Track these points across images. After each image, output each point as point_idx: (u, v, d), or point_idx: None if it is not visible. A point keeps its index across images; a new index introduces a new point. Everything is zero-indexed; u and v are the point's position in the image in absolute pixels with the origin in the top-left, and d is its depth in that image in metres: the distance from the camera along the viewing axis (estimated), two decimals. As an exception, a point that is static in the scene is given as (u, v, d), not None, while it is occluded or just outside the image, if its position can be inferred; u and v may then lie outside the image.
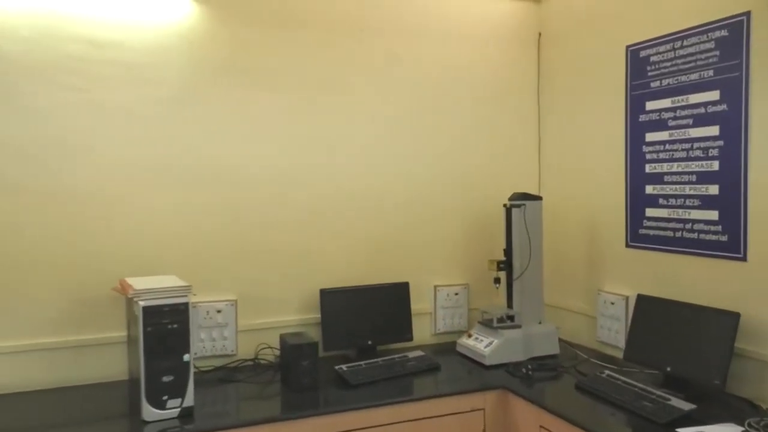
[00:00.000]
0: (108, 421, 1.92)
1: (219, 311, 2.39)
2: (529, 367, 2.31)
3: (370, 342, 2.53)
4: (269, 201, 2.46)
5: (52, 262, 2.16)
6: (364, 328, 2.53)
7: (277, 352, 2.38)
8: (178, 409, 1.89)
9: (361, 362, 2.35)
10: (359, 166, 2.62)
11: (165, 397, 1.87)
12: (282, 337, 2.29)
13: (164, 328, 1.88)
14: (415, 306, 2.66)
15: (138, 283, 1.98)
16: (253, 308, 2.45)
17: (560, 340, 2.56)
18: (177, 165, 2.32)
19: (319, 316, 2.48)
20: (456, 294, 2.80)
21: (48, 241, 2.16)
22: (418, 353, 2.48)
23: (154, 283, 1.97)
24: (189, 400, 1.91)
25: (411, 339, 2.62)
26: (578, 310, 2.70)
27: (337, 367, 2.28)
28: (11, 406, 2.01)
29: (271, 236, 2.48)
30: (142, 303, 1.86)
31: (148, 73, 2.27)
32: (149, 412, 1.86)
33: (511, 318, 2.51)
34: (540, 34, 2.92)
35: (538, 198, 2.58)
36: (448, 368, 2.41)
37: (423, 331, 2.73)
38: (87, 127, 2.19)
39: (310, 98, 2.52)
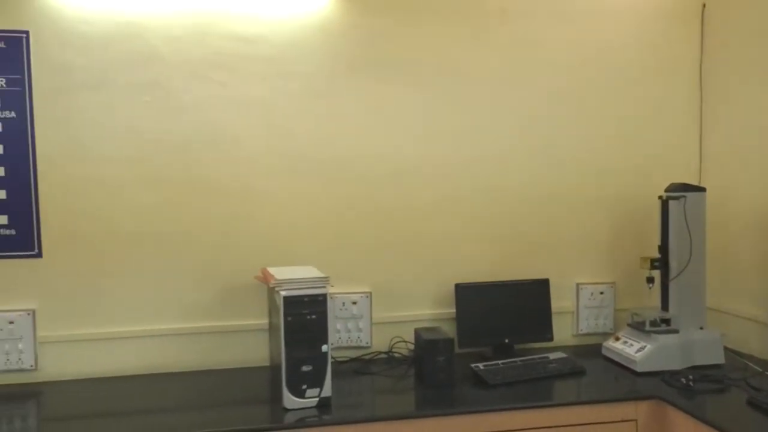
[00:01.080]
0: (251, 405, 1.98)
1: (354, 303, 2.39)
2: (690, 377, 2.07)
3: (507, 340, 2.41)
4: (405, 193, 2.42)
5: (200, 251, 2.27)
6: (501, 326, 2.42)
7: (412, 346, 2.34)
8: (317, 399, 1.90)
9: (498, 361, 2.24)
10: (497, 157, 2.50)
11: (304, 386, 1.89)
12: (417, 332, 2.23)
13: (304, 318, 1.89)
14: (555, 304, 2.50)
15: (279, 272, 2.01)
16: (387, 301, 2.43)
17: (725, 348, 2.28)
18: (314, 157, 2.34)
19: (453, 311, 2.40)
20: (601, 293, 2.60)
21: (196, 231, 2.26)
22: (560, 355, 2.32)
23: (294, 274, 1.99)
24: (327, 390, 1.92)
25: (551, 339, 2.47)
26: (748, 315, 2.38)
27: (473, 365, 2.19)
28: (160, 386, 2.14)
29: (406, 229, 2.43)
30: (283, 293, 1.89)
31: (287, 67, 2.30)
32: (290, 400, 1.88)
33: (666, 321, 2.27)
34: (704, 6, 2.60)
35: (701, 189, 2.31)
36: (594, 373, 2.23)
37: (564, 332, 2.56)
38: (231, 122, 2.26)
39: (447, 88, 2.43)
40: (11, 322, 2.12)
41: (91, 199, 2.18)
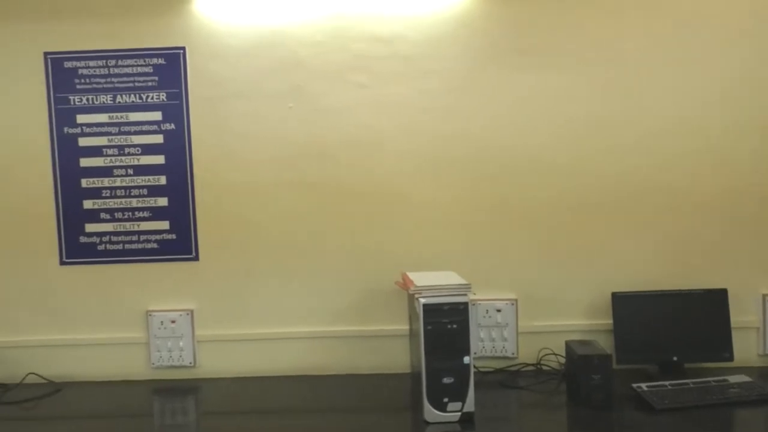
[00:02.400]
0: (392, 414, 1.94)
1: (498, 310, 2.25)
2: None
3: (675, 358, 2.13)
4: (553, 192, 2.24)
5: (343, 254, 2.27)
6: (667, 342, 2.14)
7: (562, 360, 2.15)
8: (459, 413, 1.80)
9: (666, 382, 1.98)
10: (660, 151, 2.22)
11: (445, 399, 1.80)
12: (568, 345, 2.05)
13: (444, 327, 1.80)
14: (735, 318, 2.17)
15: (419, 278, 1.94)
16: (534, 309, 2.26)
17: None
18: (455, 156, 2.24)
19: (610, 322, 2.17)
20: (794, 306, 2.22)
21: (339, 234, 2.26)
22: (742, 378, 2.00)
23: (435, 280, 1.91)
24: (469, 404, 1.81)
25: (731, 359, 2.14)
26: None
27: (635, 385, 1.96)
28: (307, 388, 2.17)
29: (555, 230, 2.25)
30: (422, 300, 1.81)
31: (425, 64, 2.22)
32: (431, 413, 1.80)
33: None
34: None
35: None
36: (787, 402, 1.90)
37: (746, 351, 2.21)
38: (371, 124, 2.24)
39: (597, 75, 2.21)
40: (173, 322, 2.26)
41: (241, 204, 2.26)
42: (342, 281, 2.27)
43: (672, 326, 2.15)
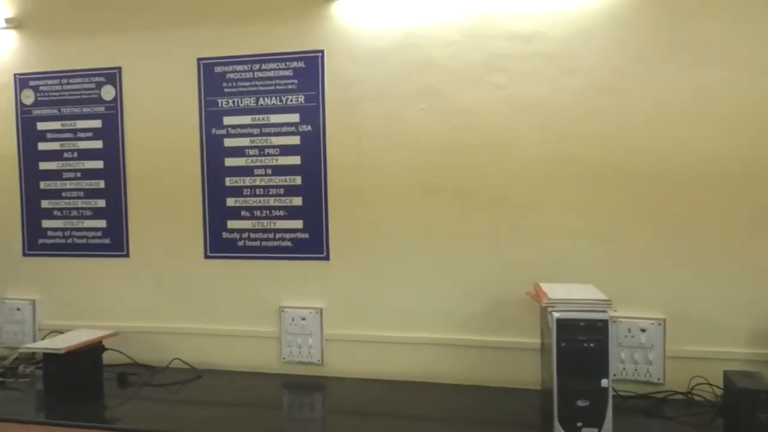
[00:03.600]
0: (517, 430, 1.84)
1: (643, 330, 2.04)
2: None
3: None
4: (710, 200, 2.00)
5: (471, 260, 2.19)
6: None
7: (719, 391, 1.91)
8: (594, 440, 1.66)
9: None
10: None
11: (579, 424, 1.66)
12: (727, 375, 1.81)
13: (580, 345, 1.66)
14: None
15: (553, 290, 1.81)
16: (686, 331, 2.03)
17: None
18: (597, 161, 2.07)
19: (778, 353, 1.90)
20: None
21: (468, 239, 2.19)
22: None
23: (570, 293, 1.77)
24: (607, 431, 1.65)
25: None
26: None
27: (809, 429, 1.68)
28: (431, 395, 2.11)
29: (717, 246, 2.00)
30: (556, 314, 1.69)
31: (568, 63, 2.08)
32: (561, 437, 1.67)
33: None
34: None
35: None
36: None
37: None
38: (508, 125, 2.13)
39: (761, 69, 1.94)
40: (303, 319, 2.31)
41: (372, 206, 2.26)
42: (470, 288, 2.20)
43: None
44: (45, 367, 2.17)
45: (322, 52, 2.27)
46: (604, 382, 1.65)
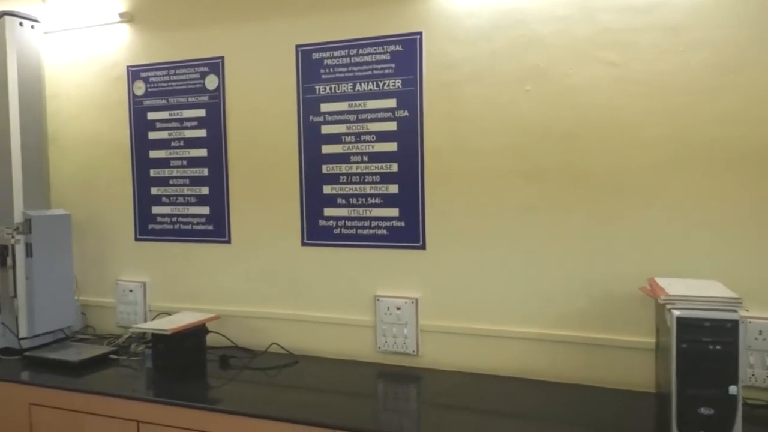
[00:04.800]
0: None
1: (777, 333, 1.83)
2: None
3: None
4: None
5: (576, 252, 2.05)
6: None
7: None
8: (719, 453, 1.49)
9: None
10: None
11: (702, 434, 1.50)
12: None
13: (704, 347, 1.50)
14: None
15: (671, 286, 1.65)
16: (829, 336, 1.79)
17: None
18: (727, 146, 1.86)
19: None
20: None
21: (574, 229, 2.05)
22: None
23: (692, 289, 1.60)
24: (734, 444, 1.49)
25: None
26: None
27: None
28: (531, 392, 2.01)
29: None
30: (676, 312, 1.53)
31: (691, 36, 1.88)
32: (681, 446, 1.52)
33: None
34: None
35: None
36: None
37: None
38: (621, 106, 1.96)
39: None
40: (398, 308, 2.27)
41: (471, 194, 2.17)
42: (575, 282, 2.06)
43: None
44: (153, 346, 2.26)
45: (420, 34, 2.20)
46: (732, 389, 1.48)
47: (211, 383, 2.23)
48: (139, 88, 2.67)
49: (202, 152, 2.58)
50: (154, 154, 2.67)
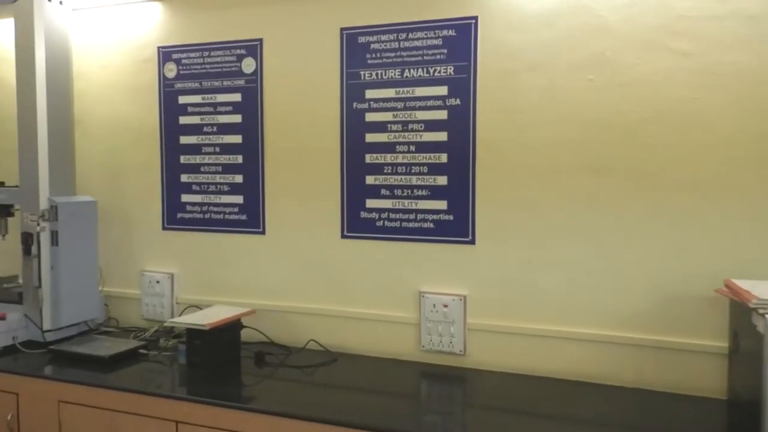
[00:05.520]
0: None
1: None
2: None
3: None
4: None
5: (643, 251, 1.95)
6: None
7: None
8: (813, 468, 1.40)
9: None
10: None
11: (795, 447, 1.41)
12: None
13: (801, 355, 1.41)
14: None
15: (757, 289, 1.56)
16: None
17: None
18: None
19: None
20: None
21: (639, 228, 1.95)
22: None
23: (781, 293, 1.51)
24: (829, 459, 1.40)
25: None
26: None
27: None
28: (589, 397, 1.91)
29: None
30: (769, 317, 1.44)
31: (771, 23, 1.78)
32: (772, 460, 1.43)
33: None
34: None
35: None
36: None
37: None
38: (694, 99, 1.86)
39: None
40: (445, 306, 2.17)
41: (526, 188, 2.08)
42: (640, 282, 1.96)
43: None
44: (188, 342, 2.16)
45: (475, 18, 2.10)
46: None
47: (246, 381, 2.12)
48: (171, 70, 2.55)
49: (237, 138, 2.47)
50: (184, 139, 2.56)
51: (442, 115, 2.16)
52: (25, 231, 2.36)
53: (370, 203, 2.28)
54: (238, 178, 2.48)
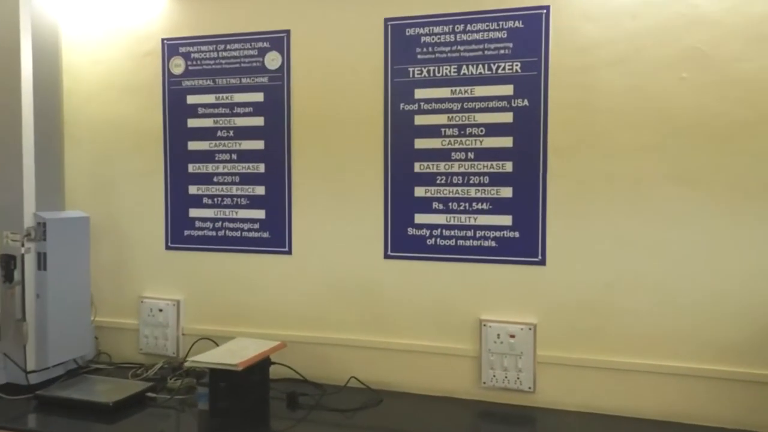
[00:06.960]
0: None
1: None
2: None
3: None
4: None
5: (739, 274, 1.72)
6: None
7: None
8: None
9: None
10: None
11: None
12: None
13: None
14: None
15: None
16: None
17: None
18: None
19: None
20: None
21: (738, 248, 1.72)
22: None
23: None
24: None
25: None
26: None
27: None
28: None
29: None
30: None
31: None
32: None
33: None
34: None
35: None
36: None
37: None
38: (798, 99, 1.66)
39: None
40: (512, 336, 1.89)
41: (604, 198, 1.82)
42: (741, 308, 1.73)
43: None
44: (212, 384, 1.81)
45: (547, 8, 1.84)
46: None
47: (277, 427, 1.81)
48: (178, 65, 2.21)
49: (258, 144, 2.14)
50: (194, 145, 2.22)
51: (507, 117, 1.89)
52: (6, 253, 1.97)
53: (420, 218, 1.99)
54: (260, 190, 2.15)
